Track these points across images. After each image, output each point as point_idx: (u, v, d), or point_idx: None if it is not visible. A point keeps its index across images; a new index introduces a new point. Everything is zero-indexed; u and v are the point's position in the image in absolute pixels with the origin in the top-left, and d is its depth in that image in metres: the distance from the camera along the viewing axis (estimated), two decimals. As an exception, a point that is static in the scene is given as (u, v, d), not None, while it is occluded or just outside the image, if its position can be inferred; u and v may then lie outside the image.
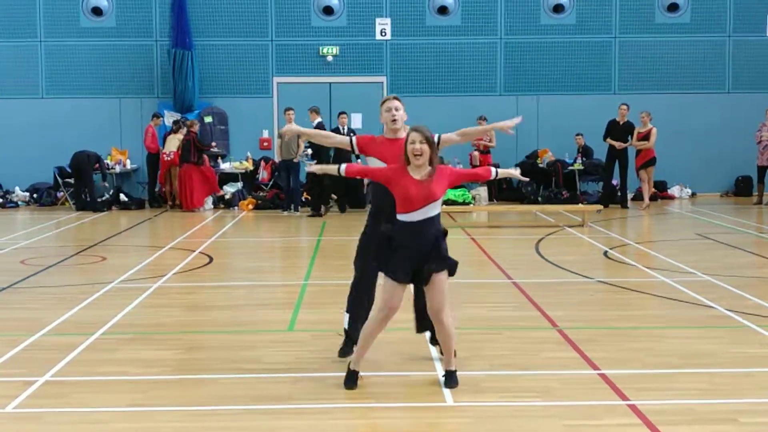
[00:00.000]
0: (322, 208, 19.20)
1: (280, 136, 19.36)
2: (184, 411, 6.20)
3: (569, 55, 22.60)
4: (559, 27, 22.59)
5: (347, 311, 7.48)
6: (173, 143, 20.25)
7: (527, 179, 8.19)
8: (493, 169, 7.07)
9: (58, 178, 21.38)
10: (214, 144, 21.13)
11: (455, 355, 6.80)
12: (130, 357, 7.61)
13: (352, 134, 8.02)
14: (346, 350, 7.37)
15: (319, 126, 18.91)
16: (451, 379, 6.68)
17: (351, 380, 6.66)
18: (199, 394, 6.58)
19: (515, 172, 7.54)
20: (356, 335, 7.01)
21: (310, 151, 19.99)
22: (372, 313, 6.87)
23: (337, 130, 19.36)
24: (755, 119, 20.98)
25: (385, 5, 22.45)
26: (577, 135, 21.70)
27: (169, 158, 20.29)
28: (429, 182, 6.44)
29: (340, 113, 19.83)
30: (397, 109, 7.15)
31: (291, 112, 19.16)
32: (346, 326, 7.46)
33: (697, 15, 22.65)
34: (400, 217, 6.48)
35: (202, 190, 20.22)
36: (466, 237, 15.36)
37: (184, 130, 20.12)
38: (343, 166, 6.84)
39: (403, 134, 7.13)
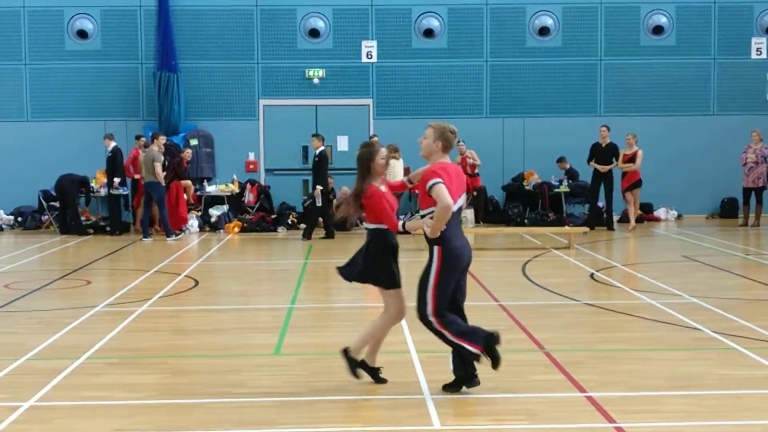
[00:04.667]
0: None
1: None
2: (170, 436, 6.16)
3: (555, 78, 22.72)
4: (544, 50, 22.72)
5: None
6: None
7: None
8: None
9: (42, 201, 21.32)
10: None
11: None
12: (115, 381, 7.56)
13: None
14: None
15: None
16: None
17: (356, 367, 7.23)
18: (184, 419, 6.54)
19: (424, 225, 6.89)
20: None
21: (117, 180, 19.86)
22: (385, 319, 7.21)
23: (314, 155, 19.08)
24: (740, 141, 21.10)
25: (371, 28, 22.54)
26: (559, 161, 21.81)
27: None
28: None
29: (312, 136, 19.20)
30: (425, 138, 7.12)
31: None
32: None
33: (682, 38, 22.82)
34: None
35: (176, 214, 20.03)
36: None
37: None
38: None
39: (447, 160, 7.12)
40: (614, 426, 6.23)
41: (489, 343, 6.84)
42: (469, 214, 20.84)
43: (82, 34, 22.26)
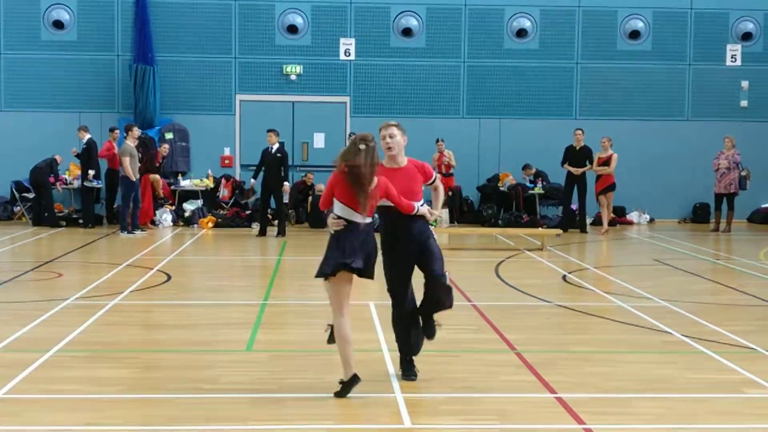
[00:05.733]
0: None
1: None
2: (140, 430, 6.13)
3: (531, 80, 22.81)
4: (522, 52, 22.80)
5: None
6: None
7: (436, 218, 7.49)
8: (416, 205, 7.14)
9: (15, 192, 21.16)
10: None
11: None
12: (85, 375, 7.52)
13: None
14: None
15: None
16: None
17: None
18: (155, 414, 6.51)
19: (437, 213, 7.43)
20: None
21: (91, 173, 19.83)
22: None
23: (266, 150, 18.74)
24: (714, 147, 21.27)
25: (349, 25, 22.52)
26: (524, 168, 21.94)
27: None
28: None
29: (268, 131, 18.81)
30: (391, 136, 7.18)
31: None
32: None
33: (658, 43, 22.98)
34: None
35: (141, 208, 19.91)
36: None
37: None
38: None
39: (403, 162, 7.25)
40: (583, 427, 6.27)
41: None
42: (443, 214, 20.89)
43: (59, 24, 22.10)
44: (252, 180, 19.55)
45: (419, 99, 22.54)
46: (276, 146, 18.51)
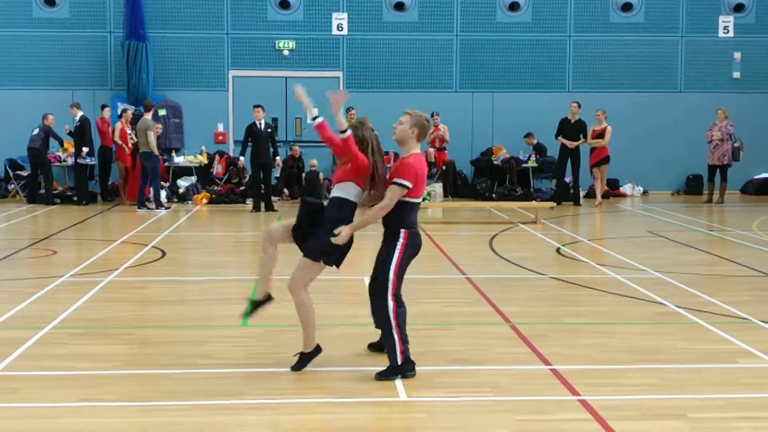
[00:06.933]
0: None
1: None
2: (136, 406, 6.15)
3: (524, 53, 22.75)
4: (514, 25, 22.73)
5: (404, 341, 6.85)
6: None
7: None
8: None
9: (9, 170, 21.10)
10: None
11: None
12: (81, 352, 7.53)
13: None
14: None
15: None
16: (299, 364, 6.98)
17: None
18: (150, 390, 6.52)
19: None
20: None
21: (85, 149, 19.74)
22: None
23: (253, 125, 18.64)
24: (706, 119, 21.26)
25: (342, 0, 22.41)
26: (526, 136, 21.88)
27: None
28: None
29: (255, 106, 18.77)
30: (400, 123, 7.07)
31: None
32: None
33: (651, 15, 22.92)
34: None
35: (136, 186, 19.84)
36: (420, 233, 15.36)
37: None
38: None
39: (405, 153, 7.06)
40: (578, 398, 6.30)
41: (405, 367, 6.77)
42: (437, 188, 20.90)
43: (50, 1, 21.96)
44: (241, 158, 19.52)
45: (412, 73, 22.47)
46: (263, 122, 18.52)
